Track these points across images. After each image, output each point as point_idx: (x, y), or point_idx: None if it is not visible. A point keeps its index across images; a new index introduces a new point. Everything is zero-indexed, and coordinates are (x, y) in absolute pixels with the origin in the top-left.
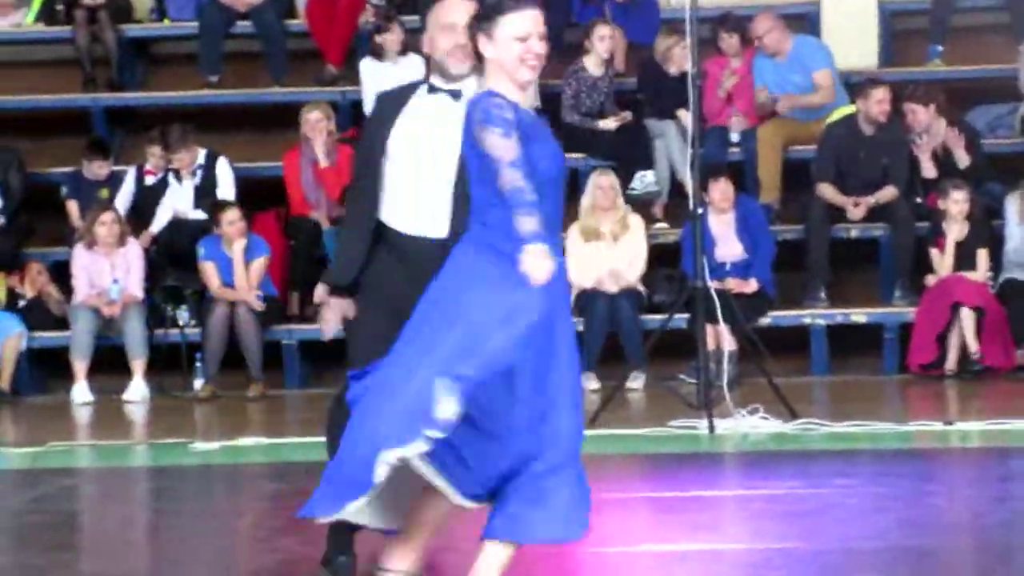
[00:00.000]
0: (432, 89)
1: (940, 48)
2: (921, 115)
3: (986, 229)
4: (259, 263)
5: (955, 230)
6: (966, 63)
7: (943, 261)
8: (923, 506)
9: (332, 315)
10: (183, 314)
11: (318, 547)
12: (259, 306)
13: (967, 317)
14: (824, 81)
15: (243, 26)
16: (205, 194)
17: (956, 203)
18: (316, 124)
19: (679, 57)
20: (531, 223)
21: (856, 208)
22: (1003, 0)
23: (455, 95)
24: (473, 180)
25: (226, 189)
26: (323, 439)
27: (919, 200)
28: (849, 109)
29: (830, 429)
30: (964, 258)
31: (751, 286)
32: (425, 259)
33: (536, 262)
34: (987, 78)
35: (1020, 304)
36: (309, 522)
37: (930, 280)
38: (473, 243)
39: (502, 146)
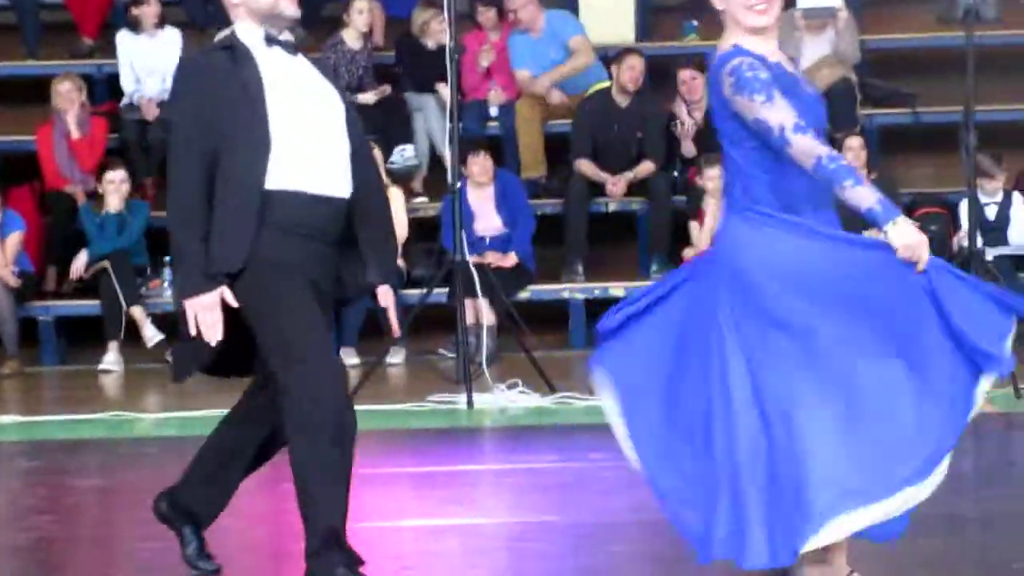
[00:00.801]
0: (271, 41)
1: (696, 23)
2: (699, 82)
3: None
4: (14, 238)
5: (713, 204)
6: (720, 38)
7: (702, 235)
8: None
9: (217, 314)
10: None
11: (72, 525)
12: (14, 282)
13: None
14: (580, 45)
15: None
16: None
17: (712, 180)
18: (67, 95)
19: (436, 31)
20: (866, 193)
21: (614, 187)
22: None
23: (290, 49)
24: (736, 151)
25: None
26: (78, 416)
27: (676, 174)
28: (605, 84)
29: (588, 403)
30: None
31: (510, 260)
32: (332, 222)
33: (909, 233)
34: None
35: None
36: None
37: (688, 254)
38: (766, 227)
39: (774, 113)
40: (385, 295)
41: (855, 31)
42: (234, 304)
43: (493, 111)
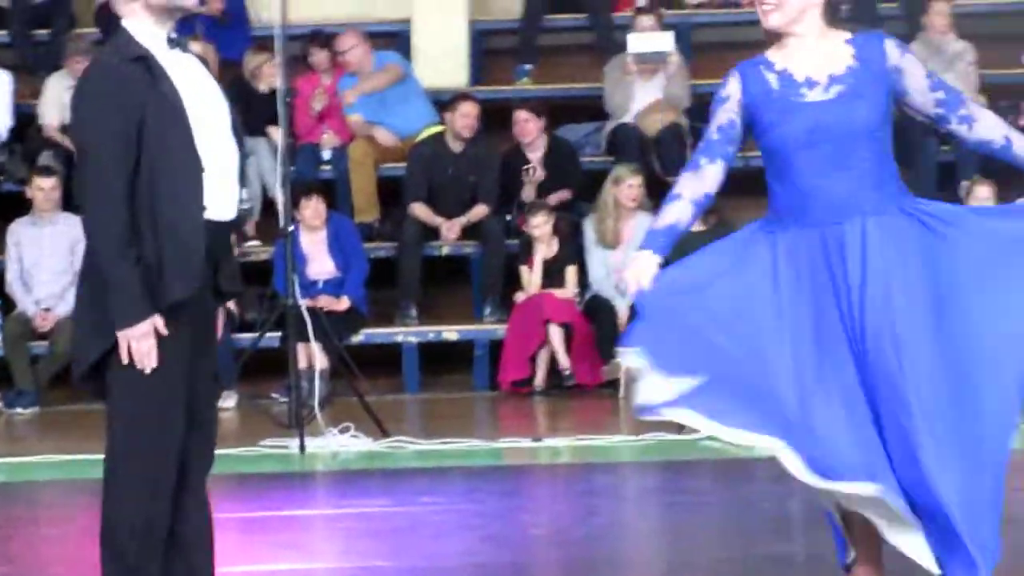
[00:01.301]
0: (173, 42)
1: (528, 67)
2: (532, 124)
3: (575, 246)
4: None
5: (542, 249)
6: (554, 82)
7: (532, 279)
8: (511, 522)
9: (152, 342)
10: None
11: None
12: None
13: (555, 334)
14: (392, 68)
15: None
16: None
17: (537, 227)
18: None
19: (268, 75)
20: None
21: (449, 231)
22: (588, 21)
23: (183, 47)
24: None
25: None
26: None
27: (509, 218)
28: (439, 128)
29: (421, 446)
30: (554, 275)
31: (343, 304)
32: (224, 245)
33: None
34: (574, 97)
35: (605, 320)
36: None
37: (519, 297)
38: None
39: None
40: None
41: (686, 76)
42: (164, 332)
43: (326, 154)
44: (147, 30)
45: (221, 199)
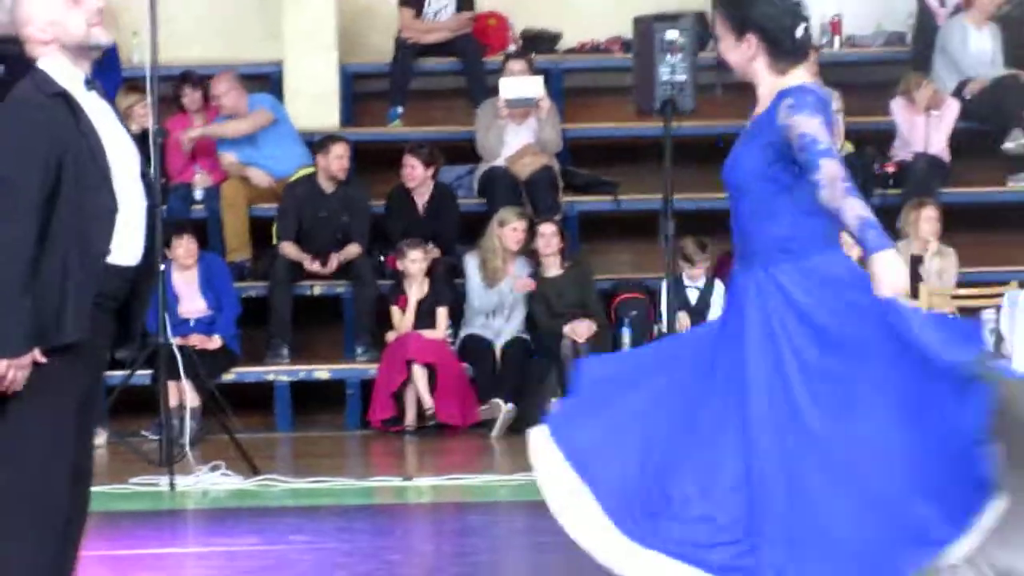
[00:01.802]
0: (89, 84)
1: (400, 110)
2: (419, 170)
3: (448, 287)
4: None
5: (415, 289)
6: (425, 124)
7: (403, 319)
8: (379, 561)
9: (26, 373)
10: None
11: None
12: None
13: (418, 373)
14: (261, 114)
15: None
16: None
17: (413, 262)
18: None
19: (140, 115)
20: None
21: (319, 267)
22: (459, 65)
23: (101, 91)
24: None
25: None
26: None
27: (382, 259)
28: (311, 169)
29: (291, 485)
30: (426, 315)
31: (215, 342)
32: (124, 291)
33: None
34: (446, 140)
35: (481, 360)
36: None
37: (390, 337)
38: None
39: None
40: None
41: (557, 120)
42: (42, 360)
43: (198, 194)
44: (64, 70)
45: (128, 244)
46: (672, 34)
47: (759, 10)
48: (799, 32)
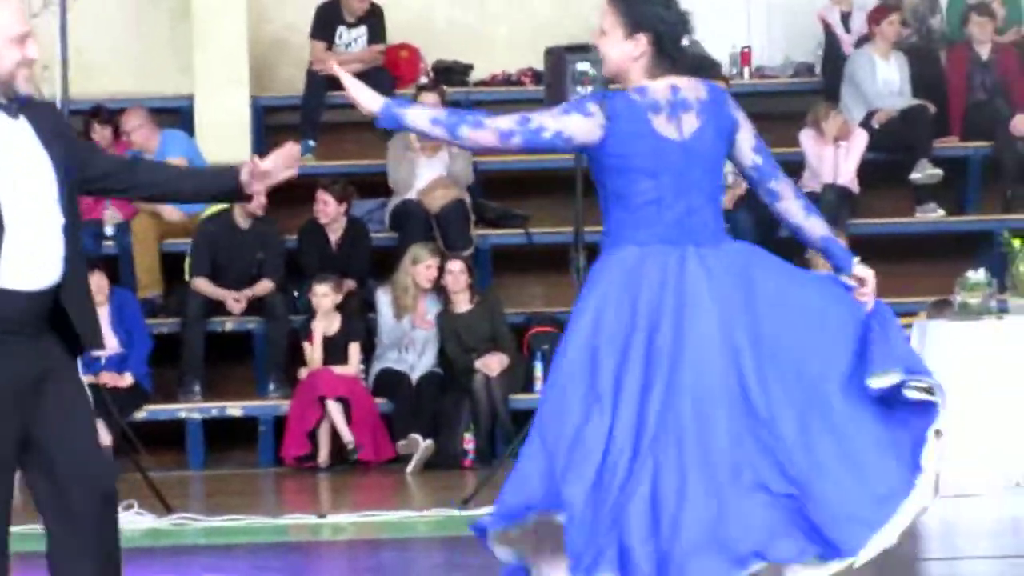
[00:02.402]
0: (3, 108)
1: (312, 143)
2: (332, 206)
3: (360, 322)
4: None
5: (323, 324)
6: (337, 158)
7: (313, 354)
8: None
9: None
10: None
11: None
12: None
13: (334, 409)
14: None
15: None
16: None
17: (324, 296)
18: None
19: None
20: None
21: (236, 303)
22: None
23: (12, 112)
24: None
25: None
26: None
27: (296, 294)
28: (224, 205)
29: (205, 523)
30: (339, 350)
31: (126, 380)
32: (36, 317)
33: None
34: (358, 173)
35: (396, 395)
36: None
37: (302, 373)
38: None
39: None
40: None
41: (468, 154)
42: None
43: (109, 230)
44: None
45: (30, 267)
46: (583, 65)
47: (656, 12)
48: (684, 42)
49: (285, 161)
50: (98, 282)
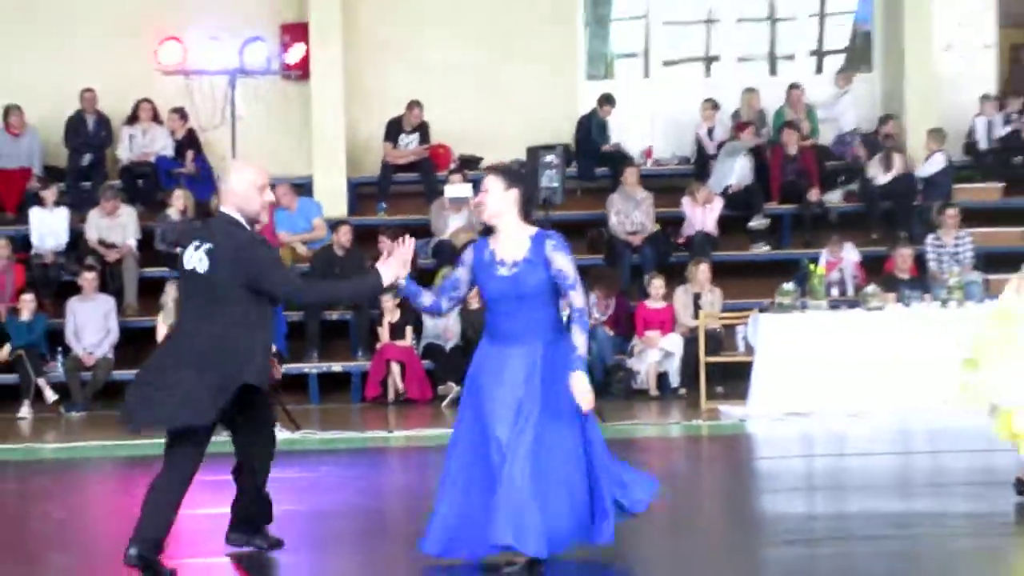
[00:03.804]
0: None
1: (384, 205)
2: (386, 244)
3: (412, 314)
4: None
5: (389, 316)
6: (400, 213)
7: (383, 334)
8: (374, 481)
9: None
10: None
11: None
12: None
13: (395, 368)
14: (319, 224)
15: None
16: None
17: (388, 299)
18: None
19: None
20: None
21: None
22: (420, 176)
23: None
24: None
25: None
26: (4, 446)
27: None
28: (330, 241)
29: (320, 436)
30: (398, 332)
31: (272, 349)
32: None
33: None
34: (412, 223)
35: (437, 358)
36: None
37: (377, 346)
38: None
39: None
40: None
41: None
42: None
43: None
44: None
45: None
46: (550, 157)
47: (524, 180)
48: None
49: (404, 256)
50: None
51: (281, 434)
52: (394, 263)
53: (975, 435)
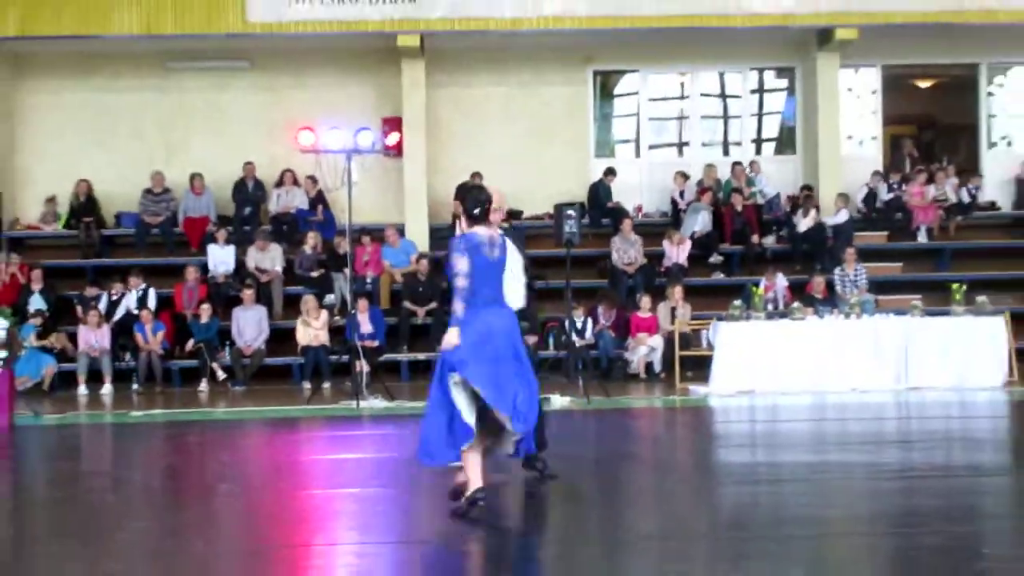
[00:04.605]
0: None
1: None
2: (424, 265)
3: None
4: (160, 335)
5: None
6: None
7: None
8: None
9: None
10: None
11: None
12: (159, 352)
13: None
14: (414, 258)
15: None
16: None
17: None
18: (191, 275)
19: (340, 244)
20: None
21: (420, 311)
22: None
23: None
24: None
25: None
26: (187, 410)
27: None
28: (414, 268)
29: (410, 405)
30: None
31: (375, 343)
32: None
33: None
34: None
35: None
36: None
37: None
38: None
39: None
40: None
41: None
42: None
43: (369, 281)
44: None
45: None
46: (570, 211)
47: (463, 196)
48: (477, 211)
49: None
50: (364, 304)
51: (381, 403)
52: None
53: (869, 408)
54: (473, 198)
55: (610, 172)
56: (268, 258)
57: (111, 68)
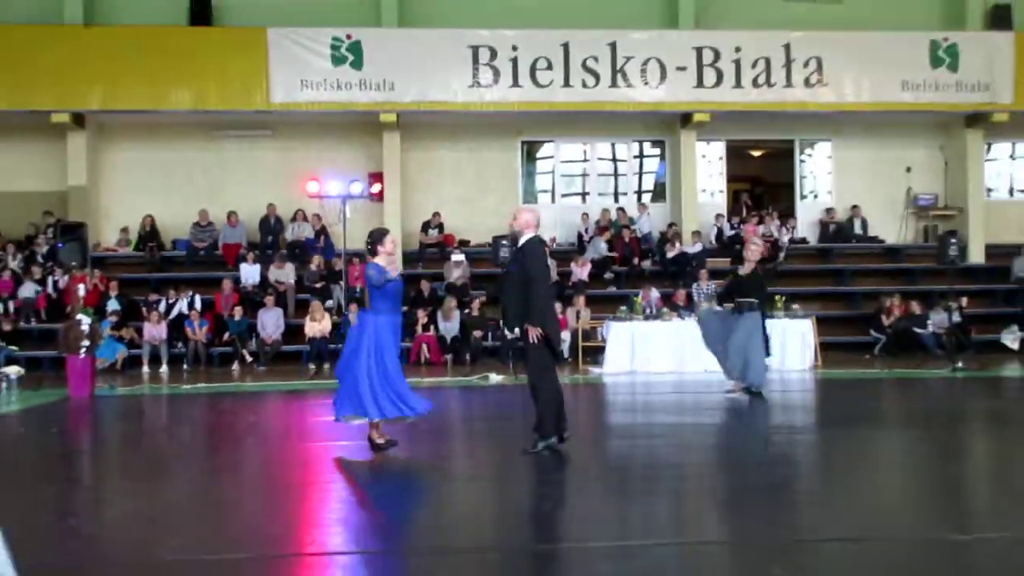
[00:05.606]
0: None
1: (421, 265)
2: (426, 287)
3: (433, 318)
4: (203, 329)
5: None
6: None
7: (419, 328)
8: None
9: None
10: None
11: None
12: (204, 341)
13: (425, 346)
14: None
15: None
16: None
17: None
18: (227, 287)
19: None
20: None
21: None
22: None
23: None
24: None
25: None
26: (221, 384)
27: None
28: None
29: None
30: (426, 327)
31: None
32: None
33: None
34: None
35: (443, 341)
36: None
37: (417, 333)
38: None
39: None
40: None
41: (464, 266)
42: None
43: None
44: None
45: None
46: (504, 242)
47: (371, 236)
48: (369, 247)
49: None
50: (354, 307)
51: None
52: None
53: (715, 384)
54: (372, 239)
55: None
56: (284, 274)
57: (170, 133)
